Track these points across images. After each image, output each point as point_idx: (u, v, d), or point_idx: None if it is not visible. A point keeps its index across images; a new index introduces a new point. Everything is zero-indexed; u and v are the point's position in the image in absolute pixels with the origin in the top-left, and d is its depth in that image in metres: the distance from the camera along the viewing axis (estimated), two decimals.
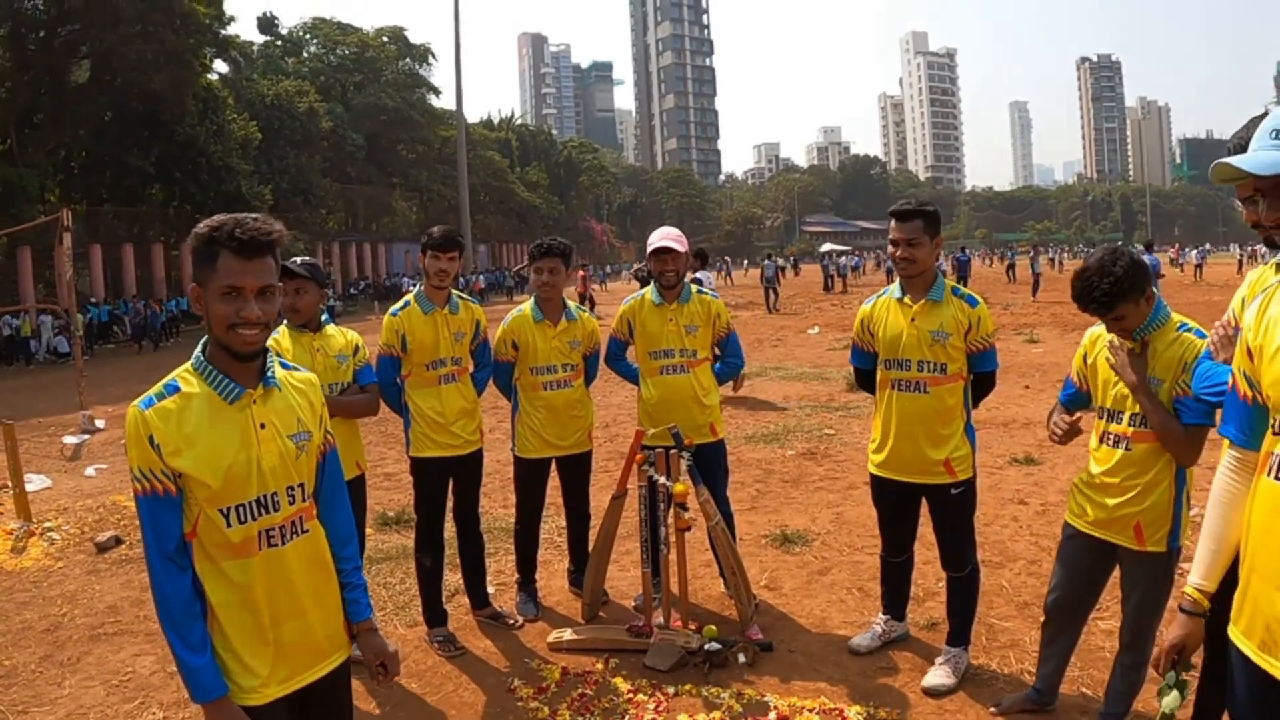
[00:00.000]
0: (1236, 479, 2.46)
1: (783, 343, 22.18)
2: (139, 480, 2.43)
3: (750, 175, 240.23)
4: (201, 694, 2.45)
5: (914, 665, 4.86)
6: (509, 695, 4.80)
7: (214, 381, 2.50)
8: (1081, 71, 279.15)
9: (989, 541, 6.66)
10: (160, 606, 2.47)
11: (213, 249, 2.42)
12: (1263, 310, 2.31)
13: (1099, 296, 3.60)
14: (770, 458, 9.66)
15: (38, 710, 4.98)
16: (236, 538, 2.50)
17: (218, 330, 2.46)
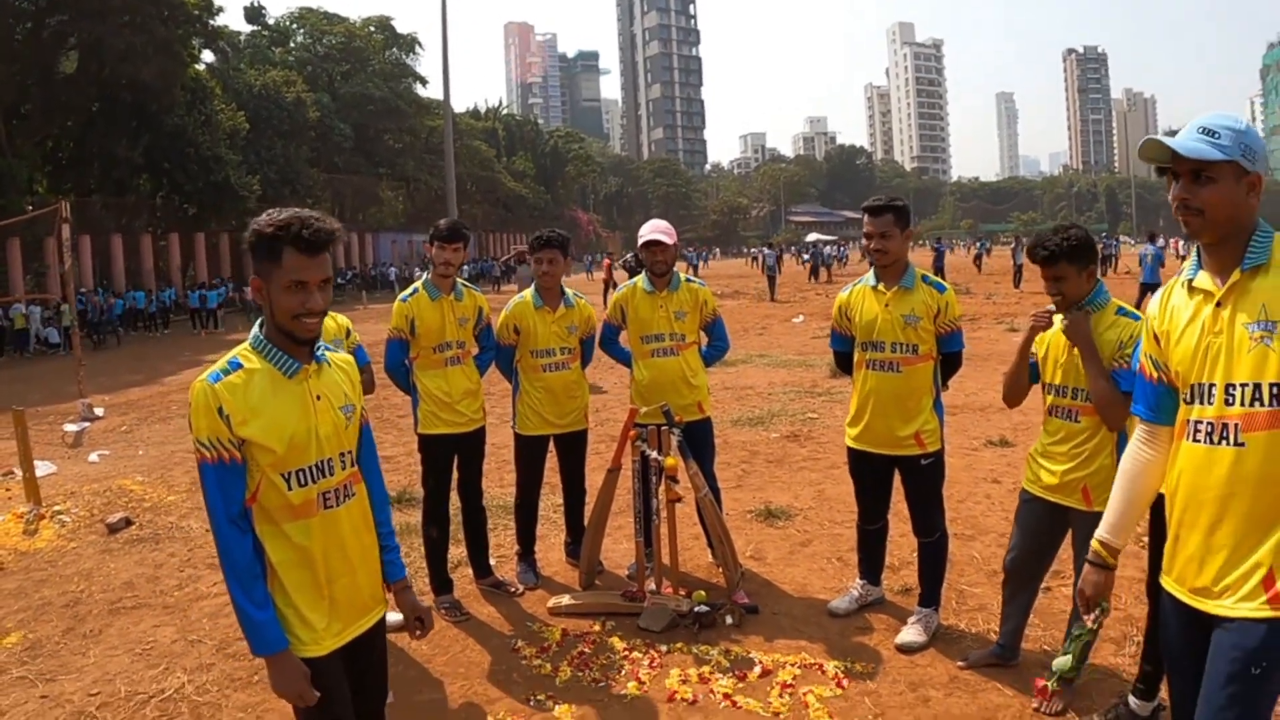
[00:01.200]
0: (1146, 449, 2.82)
1: (768, 331, 22.53)
2: (206, 449, 2.62)
3: (736, 165, 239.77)
4: (264, 647, 2.66)
5: (888, 626, 5.22)
6: (513, 654, 5.14)
7: (274, 358, 2.73)
8: (1068, 63, 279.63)
9: (962, 516, 7.03)
10: (227, 566, 2.67)
11: (277, 245, 2.64)
12: (1165, 300, 2.72)
13: (1047, 249, 4.06)
14: (755, 439, 10.00)
15: (65, 677, 5.25)
16: (297, 500, 2.73)
17: (281, 319, 2.70)
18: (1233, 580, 2.46)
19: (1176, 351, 2.62)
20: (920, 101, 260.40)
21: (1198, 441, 2.54)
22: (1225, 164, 2.46)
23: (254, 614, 2.65)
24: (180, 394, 17.61)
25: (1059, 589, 5.46)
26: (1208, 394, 2.52)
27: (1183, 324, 2.60)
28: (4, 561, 7.44)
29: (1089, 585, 2.96)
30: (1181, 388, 2.62)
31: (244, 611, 2.65)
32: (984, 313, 24.28)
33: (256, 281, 2.70)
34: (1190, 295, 2.62)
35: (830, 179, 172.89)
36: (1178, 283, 2.69)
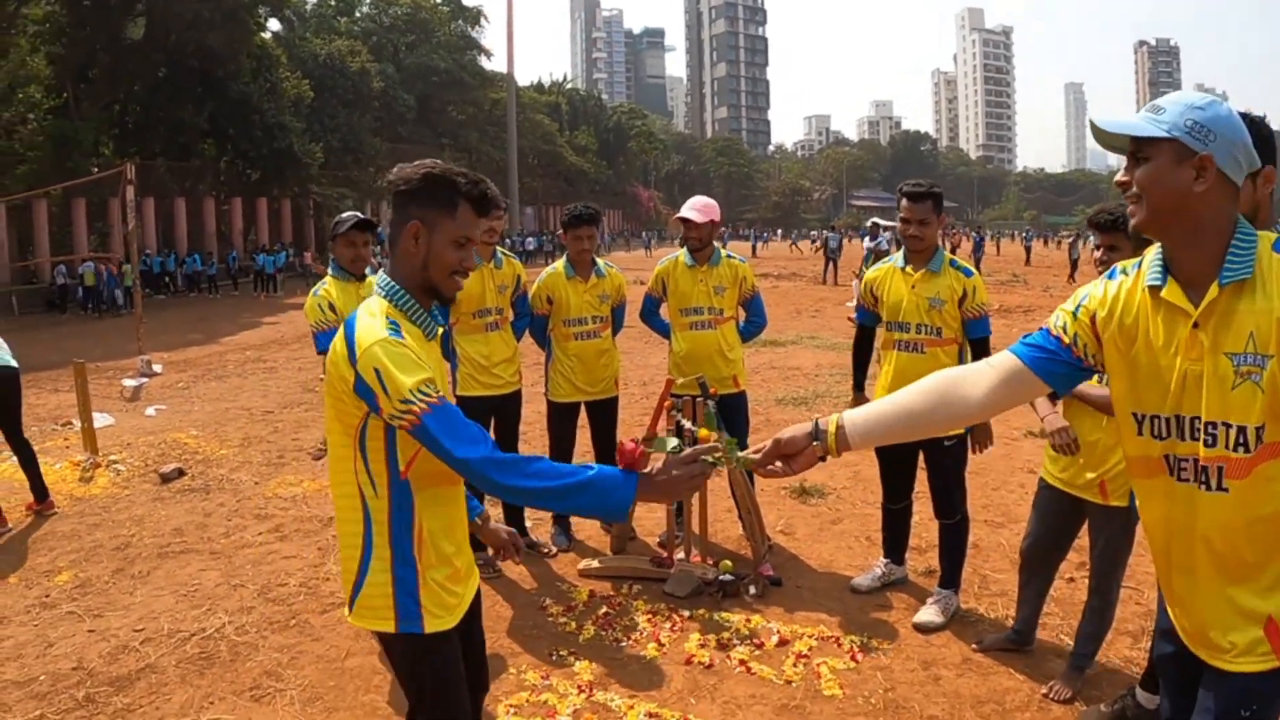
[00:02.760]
0: (983, 378, 2.38)
1: (821, 314, 22.54)
2: (420, 398, 2.35)
3: (800, 147, 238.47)
4: (627, 488, 2.30)
5: (908, 605, 5.30)
6: (540, 612, 5.31)
7: (418, 319, 2.58)
8: (1139, 55, 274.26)
9: (994, 504, 7.10)
10: (538, 481, 2.30)
11: (453, 197, 2.53)
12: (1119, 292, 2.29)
13: (1111, 214, 4.08)
14: (797, 418, 9.88)
15: (112, 614, 5.50)
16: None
17: (438, 274, 2.56)
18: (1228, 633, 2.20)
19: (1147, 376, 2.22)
20: (988, 89, 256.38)
21: (1184, 480, 2.20)
22: (1161, 141, 2.11)
23: (587, 475, 2.31)
24: (236, 353, 17.99)
25: (1082, 580, 5.47)
26: (1187, 428, 2.18)
27: (1161, 341, 2.19)
28: (60, 506, 7.72)
29: (789, 444, 2.40)
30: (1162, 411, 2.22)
31: (578, 486, 2.30)
32: (1039, 304, 24.05)
33: (416, 227, 2.53)
34: (1156, 306, 2.21)
35: (894, 164, 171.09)
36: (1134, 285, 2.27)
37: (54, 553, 6.64)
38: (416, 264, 2.56)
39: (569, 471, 2.32)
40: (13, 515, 7.43)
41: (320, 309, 5.37)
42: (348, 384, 2.43)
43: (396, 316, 2.52)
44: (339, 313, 5.28)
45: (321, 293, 5.44)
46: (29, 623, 5.43)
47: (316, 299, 5.41)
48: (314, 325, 5.39)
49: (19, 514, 7.51)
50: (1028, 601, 4.70)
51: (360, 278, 5.52)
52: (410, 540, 2.53)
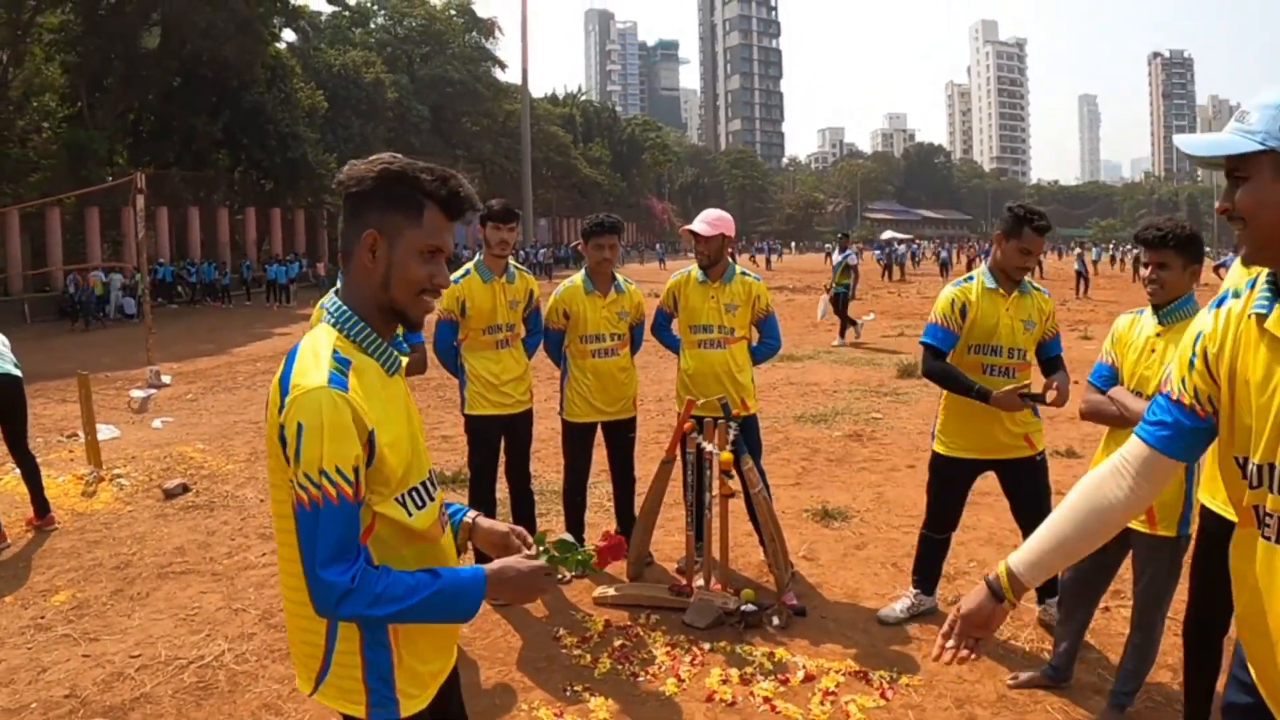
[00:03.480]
0: (1124, 480, 2.17)
1: (838, 328, 22.18)
2: (336, 482, 1.96)
3: (814, 159, 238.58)
4: (473, 593, 2.11)
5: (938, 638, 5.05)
6: (554, 642, 5.07)
7: (377, 351, 2.17)
8: (1153, 67, 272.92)
9: None
10: (384, 611, 2.01)
11: (418, 199, 2.13)
12: (1226, 326, 2.01)
13: (1160, 230, 3.87)
14: (817, 437, 9.84)
15: (109, 638, 5.32)
16: (422, 524, 2.20)
17: (403, 294, 2.15)
18: None
19: (1250, 410, 1.92)
20: (1001, 101, 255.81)
21: (1267, 538, 1.90)
22: (1258, 155, 1.80)
23: (433, 587, 2.05)
24: (246, 365, 17.85)
25: (1118, 609, 5.27)
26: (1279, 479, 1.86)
27: (1259, 377, 1.89)
28: (61, 521, 7.55)
29: (973, 612, 2.24)
30: (1253, 457, 1.91)
31: (426, 600, 2.04)
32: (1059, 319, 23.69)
33: (374, 238, 2.11)
34: (1260, 338, 1.90)
35: (908, 177, 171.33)
36: (1242, 310, 1.97)
37: (52, 571, 6.48)
38: (375, 282, 2.14)
39: (418, 585, 2.03)
40: (12, 530, 7.28)
41: None
42: (274, 426, 2.04)
43: (348, 350, 2.11)
44: None
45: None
46: (23, 645, 5.27)
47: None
48: None
49: (19, 529, 7.36)
50: (1066, 636, 4.44)
51: None
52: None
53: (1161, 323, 3.90)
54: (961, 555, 6.25)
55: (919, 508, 7.20)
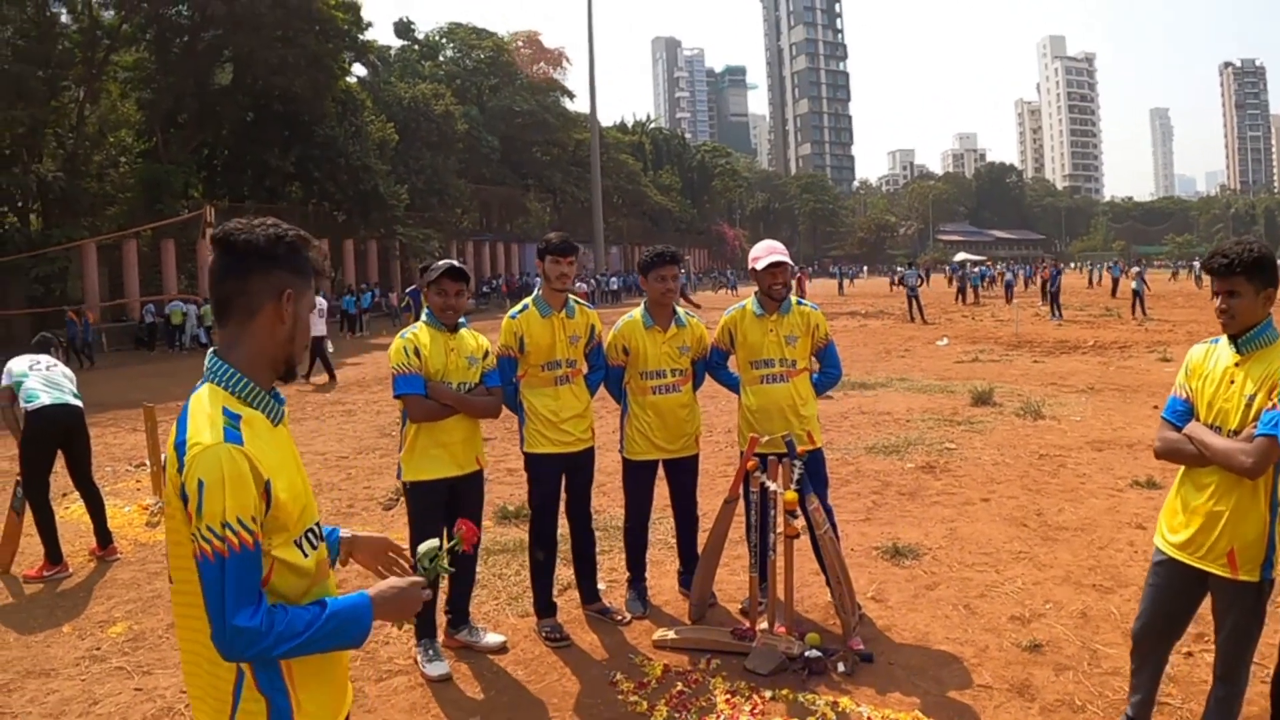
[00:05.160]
0: None
1: (911, 353, 21.89)
2: (238, 532, 2.04)
3: (884, 182, 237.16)
4: (363, 621, 2.19)
5: (1013, 686, 4.81)
6: (610, 688, 4.92)
7: (261, 403, 2.24)
8: (1224, 77, 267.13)
9: (1101, 565, 6.55)
10: (285, 648, 2.09)
11: (309, 264, 2.30)
12: None
13: (1226, 257, 3.60)
14: (888, 469, 9.58)
15: (161, 671, 5.33)
16: (313, 565, 2.27)
17: (299, 347, 2.30)
18: None
19: None
20: (1072, 117, 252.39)
21: None
22: None
23: (325, 618, 2.13)
24: (316, 395, 17.94)
25: (1201, 654, 4.98)
26: None
27: None
28: (123, 551, 7.65)
29: None
30: None
31: (321, 630, 2.12)
32: (1135, 340, 23.20)
33: (291, 295, 2.25)
34: None
35: (979, 197, 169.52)
36: None
37: (111, 601, 6.53)
38: (281, 338, 2.26)
39: (312, 618, 2.12)
40: (75, 560, 7.37)
41: (405, 353, 5.07)
42: (175, 485, 2.11)
43: (235, 406, 2.18)
44: (424, 359, 5.06)
45: (409, 336, 5.16)
46: (77, 676, 5.32)
47: (404, 341, 5.12)
48: (395, 368, 5.09)
49: (81, 558, 7.45)
50: (1140, 687, 4.14)
51: (453, 329, 5.22)
52: (277, 668, 2.19)
53: (1240, 351, 3.64)
54: (1038, 596, 5.99)
55: (993, 544, 7.03)
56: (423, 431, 5.11)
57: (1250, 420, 3.50)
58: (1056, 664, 5.04)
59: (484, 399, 5.28)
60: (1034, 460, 9.81)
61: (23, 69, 31.94)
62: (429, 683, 5.01)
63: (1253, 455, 3.42)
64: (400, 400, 5.13)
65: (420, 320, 5.27)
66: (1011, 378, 16.69)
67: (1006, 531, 7.39)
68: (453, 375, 5.12)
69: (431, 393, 5.04)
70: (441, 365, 5.10)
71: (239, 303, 2.22)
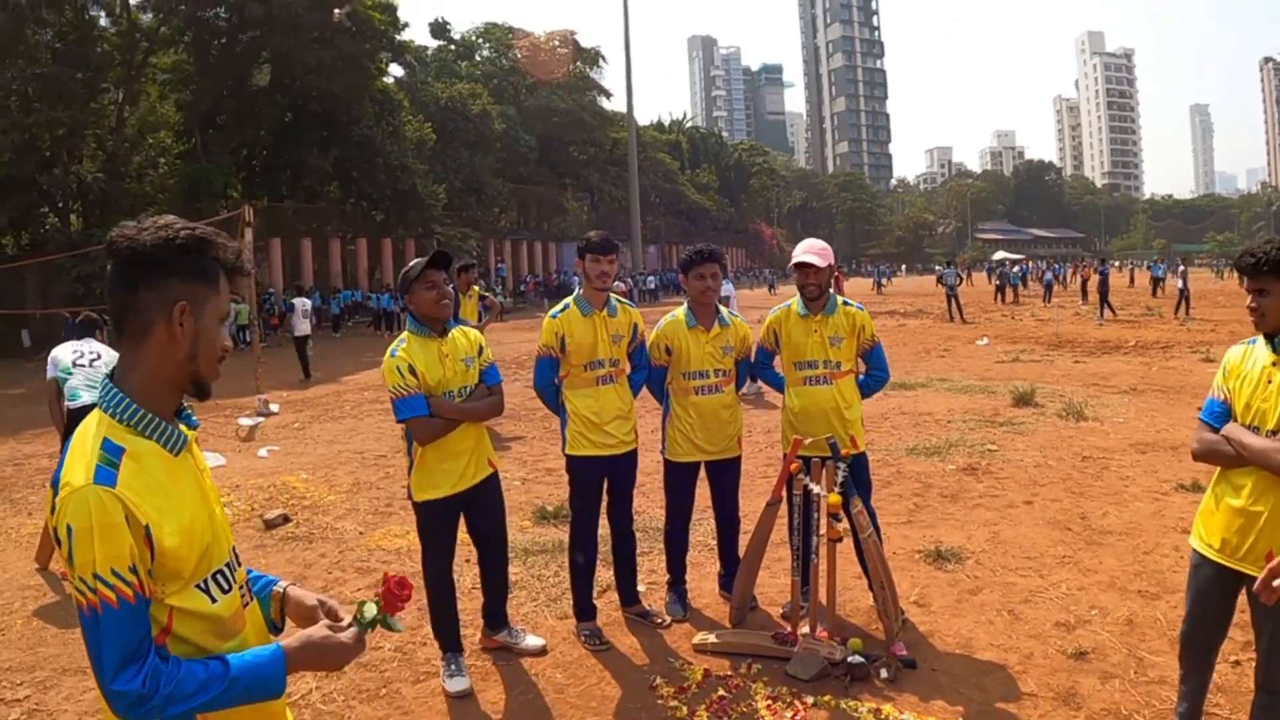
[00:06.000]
0: None
1: (950, 353, 21.70)
2: (115, 584, 1.84)
3: (922, 180, 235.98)
4: (279, 674, 2.03)
5: (1058, 695, 4.72)
6: (650, 692, 4.87)
7: (157, 432, 2.00)
8: (1265, 72, 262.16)
9: (1147, 570, 6.44)
10: (184, 704, 1.90)
11: (214, 265, 2.04)
12: None
13: (1254, 256, 3.55)
14: (930, 471, 9.48)
15: None
16: (227, 610, 2.07)
17: (209, 362, 2.06)
18: None
19: None
20: (1111, 114, 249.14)
21: None
22: None
23: (228, 678, 1.95)
24: (354, 393, 18.04)
25: (1248, 662, 4.84)
26: None
27: None
28: None
29: None
30: None
31: (222, 693, 1.94)
32: (1178, 340, 22.90)
33: (183, 307, 1.98)
34: None
35: (1018, 195, 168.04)
36: None
37: None
38: (180, 356, 2.00)
39: (210, 679, 1.92)
40: None
41: (400, 373, 4.76)
42: (54, 528, 1.90)
43: (120, 436, 1.95)
44: (420, 375, 4.79)
45: (400, 353, 4.82)
46: None
47: (394, 360, 4.79)
48: (392, 390, 4.79)
49: None
50: (1188, 695, 4.04)
51: (442, 331, 4.96)
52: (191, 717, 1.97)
53: (1276, 351, 3.55)
54: (1083, 601, 5.89)
55: (1037, 548, 6.93)
56: (430, 448, 4.88)
57: None
58: (1102, 672, 4.94)
59: (487, 401, 5.06)
60: (1077, 462, 9.67)
61: (62, 71, 32.31)
62: (449, 698, 4.90)
63: None
64: (404, 424, 4.87)
65: (406, 331, 4.99)
66: (1053, 378, 16.50)
67: (1050, 535, 7.28)
68: (453, 382, 4.88)
69: (435, 411, 4.80)
70: (440, 375, 4.84)
71: (130, 319, 1.99)
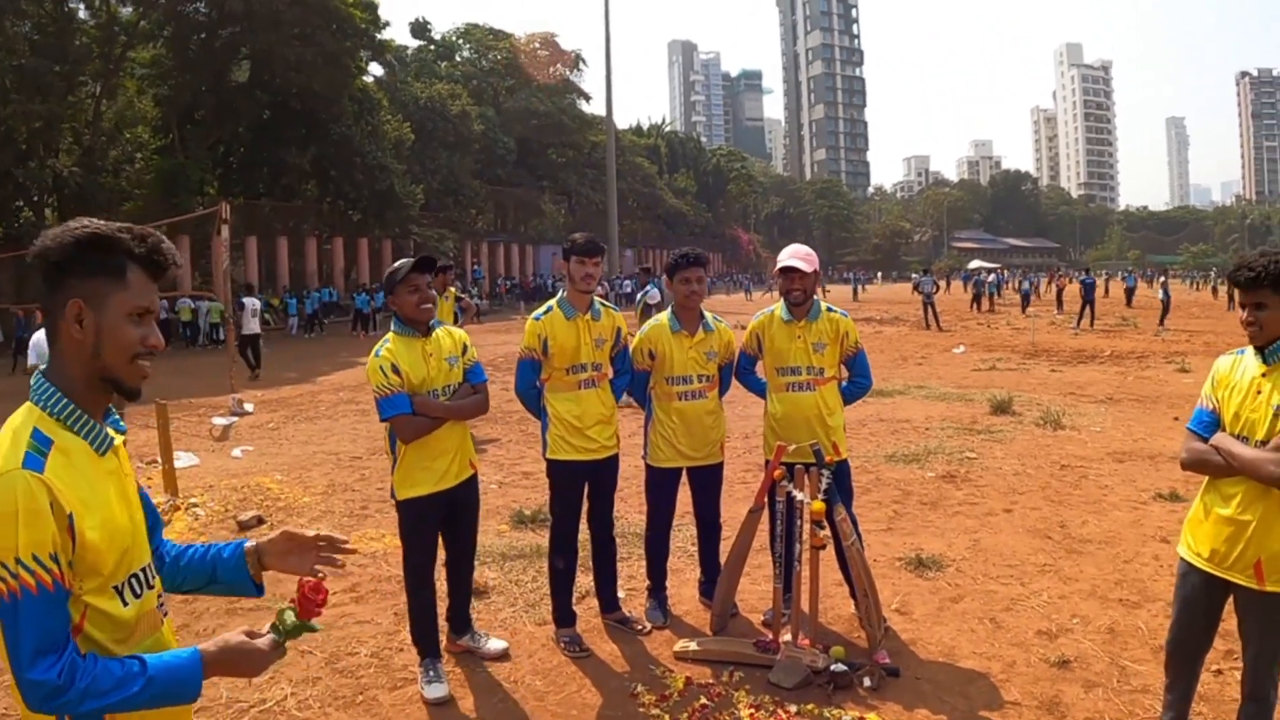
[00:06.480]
0: None
1: (928, 361, 21.73)
2: (34, 570, 1.84)
3: (899, 188, 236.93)
4: (194, 678, 2.00)
5: (1042, 703, 4.69)
6: (630, 700, 4.81)
7: (85, 430, 2.02)
8: (1241, 86, 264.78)
9: (1128, 579, 6.43)
10: (95, 701, 1.88)
11: (120, 261, 2.02)
12: None
13: (1252, 270, 3.53)
14: (909, 478, 9.46)
15: None
16: (134, 615, 2.05)
17: (117, 361, 2.03)
18: None
19: None
20: (1088, 125, 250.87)
21: None
22: None
23: (143, 678, 1.93)
24: (330, 394, 17.92)
25: (1230, 671, 4.85)
26: None
27: None
28: None
29: None
30: None
31: (139, 692, 1.92)
32: (1152, 350, 23.01)
33: (78, 305, 1.99)
34: None
35: (994, 204, 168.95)
36: None
37: None
38: (86, 353, 2.01)
39: (126, 676, 1.90)
40: None
41: (384, 372, 4.73)
42: None
43: (51, 429, 1.97)
44: (404, 374, 4.76)
45: (384, 353, 4.80)
46: None
47: (378, 360, 4.77)
48: (376, 390, 4.76)
49: None
50: (1174, 705, 4.03)
51: (426, 331, 4.93)
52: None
53: (1267, 362, 3.56)
54: (1064, 610, 5.86)
55: (1017, 556, 6.92)
56: (414, 446, 4.85)
57: (1279, 431, 3.45)
58: (1085, 680, 4.92)
59: (472, 400, 5.03)
60: (1055, 471, 9.67)
61: (40, 64, 32.10)
62: (427, 705, 4.83)
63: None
64: (388, 423, 4.85)
65: (390, 331, 4.96)
66: (1030, 387, 16.54)
67: (1030, 543, 7.27)
68: (437, 381, 4.86)
69: (419, 409, 4.78)
70: (424, 375, 4.82)
71: (49, 319, 2.04)
